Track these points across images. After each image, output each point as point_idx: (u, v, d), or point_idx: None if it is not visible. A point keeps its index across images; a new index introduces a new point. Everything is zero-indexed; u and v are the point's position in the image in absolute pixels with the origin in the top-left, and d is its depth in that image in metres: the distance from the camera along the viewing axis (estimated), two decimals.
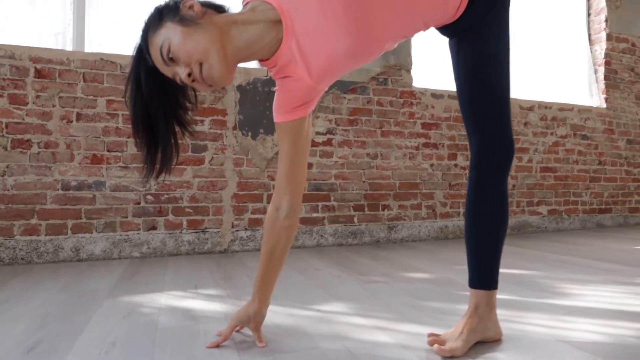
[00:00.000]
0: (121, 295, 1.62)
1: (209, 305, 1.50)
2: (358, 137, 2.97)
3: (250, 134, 2.69)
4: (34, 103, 2.28)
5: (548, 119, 3.63)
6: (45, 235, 2.27)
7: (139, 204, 2.44)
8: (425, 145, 3.17)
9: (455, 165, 3.26)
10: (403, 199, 3.08)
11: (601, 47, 3.92)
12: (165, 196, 2.49)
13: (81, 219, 2.34)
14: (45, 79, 2.30)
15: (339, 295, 1.61)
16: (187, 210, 2.53)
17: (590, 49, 3.99)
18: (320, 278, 1.91)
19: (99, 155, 2.38)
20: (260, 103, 2.72)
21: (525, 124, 3.53)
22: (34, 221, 2.26)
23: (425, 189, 3.15)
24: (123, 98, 2.33)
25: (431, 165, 3.18)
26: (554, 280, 1.84)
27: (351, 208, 2.93)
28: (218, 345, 1.11)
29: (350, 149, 2.95)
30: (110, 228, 2.38)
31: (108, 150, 2.40)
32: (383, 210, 3.02)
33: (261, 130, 2.72)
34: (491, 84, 1.08)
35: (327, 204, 2.87)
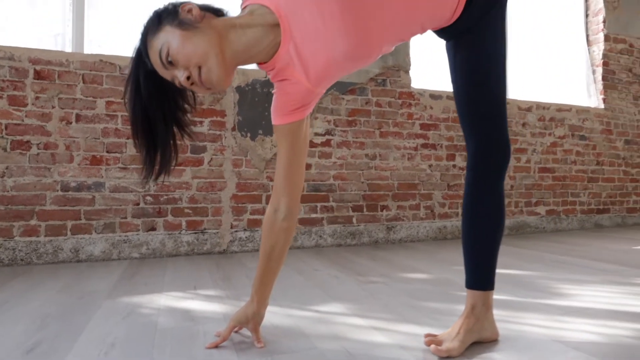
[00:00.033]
0: (120, 296, 1.63)
1: (208, 305, 1.51)
2: (357, 138, 2.98)
3: (249, 135, 2.70)
4: (33, 104, 2.28)
5: (546, 119, 3.64)
6: (45, 236, 2.28)
7: (138, 204, 2.44)
8: (424, 145, 3.18)
9: (454, 166, 3.27)
10: (402, 199, 3.09)
11: (599, 48, 3.94)
12: (165, 197, 2.50)
13: (80, 220, 2.34)
14: (44, 80, 2.30)
15: (338, 296, 1.62)
16: (186, 211, 2.54)
17: (588, 49, 4.00)
18: (319, 278, 1.92)
19: (98, 156, 2.39)
20: (259, 104, 2.73)
21: (523, 125, 3.54)
22: (33, 222, 2.26)
23: (423, 190, 3.16)
24: (122, 99, 2.34)
25: (430, 165, 3.19)
26: (552, 281, 1.85)
27: (350, 209, 2.94)
28: (217, 346, 1.12)
29: (349, 149, 2.95)
30: (110, 229, 2.39)
31: (107, 152, 2.40)
32: (382, 210, 3.03)
33: (260, 131, 2.72)
34: (488, 86, 1.09)
35: (326, 204, 2.88)
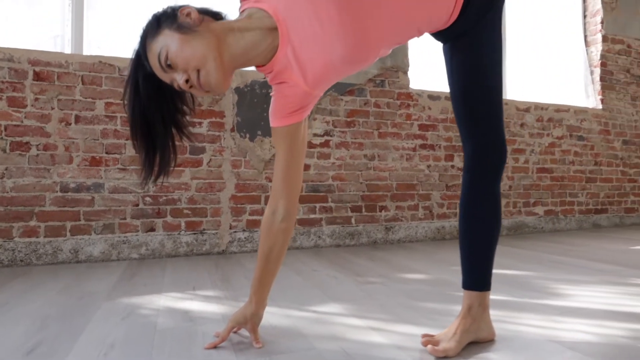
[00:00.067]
0: (120, 296, 1.64)
1: (207, 306, 1.51)
2: (355, 139, 2.99)
3: (248, 135, 2.71)
4: (32, 105, 2.29)
5: (544, 120, 3.65)
6: (44, 237, 2.28)
7: (137, 205, 2.45)
8: (422, 146, 3.19)
9: (452, 167, 3.28)
10: (400, 200, 3.10)
11: (597, 49, 3.95)
12: (164, 198, 2.51)
13: (80, 220, 2.35)
14: (43, 82, 2.31)
15: (336, 296, 1.63)
16: (186, 211, 2.55)
17: (586, 50, 4.02)
18: (318, 279, 1.93)
19: (97, 157, 2.39)
20: (257, 105, 2.74)
21: (521, 125, 3.55)
22: (32, 223, 2.27)
23: (422, 190, 3.17)
24: (121, 100, 2.35)
25: (428, 166, 3.20)
26: (549, 281, 1.86)
27: (348, 209, 2.95)
28: (216, 346, 1.13)
29: (348, 150, 2.96)
30: (109, 230, 2.40)
31: (107, 153, 2.41)
32: (380, 211, 3.04)
33: (259, 132, 2.73)
34: (485, 88, 1.10)
35: (325, 205, 2.89)
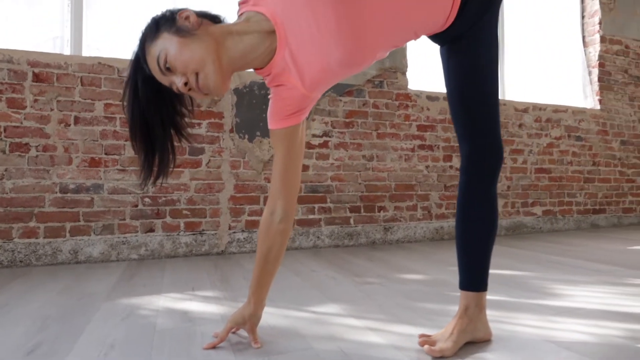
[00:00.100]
0: (119, 297, 1.64)
1: (206, 307, 1.52)
2: (354, 139, 3.00)
3: (247, 136, 2.71)
4: (32, 107, 2.30)
5: (542, 120, 3.66)
6: (44, 238, 2.29)
7: (136, 206, 2.46)
8: (421, 147, 3.20)
9: (451, 167, 3.29)
10: (399, 200, 3.11)
11: (595, 49, 3.96)
12: (163, 199, 2.51)
13: (79, 221, 2.36)
14: (43, 83, 2.32)
15: (334, 297, 1.64)
16: (185, 212, 2.56)
17: (584, 51, 4.03)
18: (316, 279, 1.93)
19: (96, 158, 2.40)
20: (256, 106, 2.74)
21: (519, 126, 3.56)
22: (32, 224, 2.28)
23: (420, 191, 3.18)
24: (120, 102, 2.35)
25: (426, 166, 3.21)
26: (546, 281, 1.87)
27: (347, 209, 2.96)
28: (215, 347, 1.14)
29: (346, 151, 2.97)
30: (108, 230, 2.40)
31: (106, 154, 2.42)
32: (379, 211, 3.05)
33: (258, 133, 2.74)
34: (481, 90, 1.11)
35: (324, 205, 2.89)
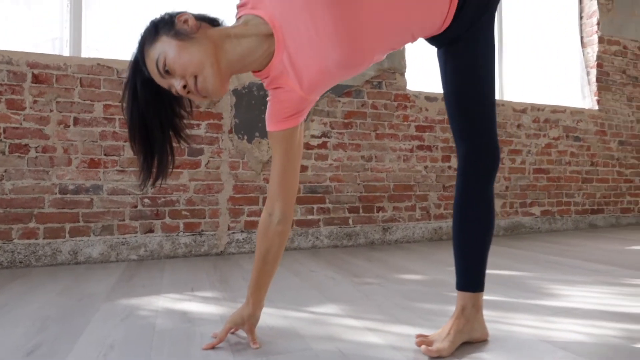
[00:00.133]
0: (119, 298, 1.65)
1: (205, 307, 1.53)
2: (353, 140, 3.01)
3: (246, 137, 2.72)
4: (31, 108, 2.30)
5: (541, 120, 3.68)
6: (43, 238, 2.30)
7: (136, 207, 2.47)
8: (419, 147, 3.21)
9: (449, 167, 3.30)
10: (397, 200, 3.12)
11: (593, 50, 3.97)
12: (162, 199, 2.52)
13: (79, 222, 2.36)
14: (42, 84, 2.32)
15: (333, 297, 1.65)
16: (184, 213, 2.56)
17: (583, 51, 4.04)
18: (315, 280, 1.94)
19: (96, 159, 2.41)
20: (255, 107, 2.75)
21: (518, 126, 3.57)
22: (32, 225, 2.28)
23: (419, 191, 3.19)
24: (120, 103, 2.36)
25: (425, 167, 3.22)
26: (543, 281, 1.88)
27: (346, 210, 2.97)
28: (213, 347, 1.14)
29: (345, 151, 2.98)
30: (108, 231, 2.41)
31: (105, 154, 2.42)
32: (378, 212, 3.05)
33: (257, 134, 2.75)
34: (478, 92, 1.11)
35: (322, 206, 2.90)
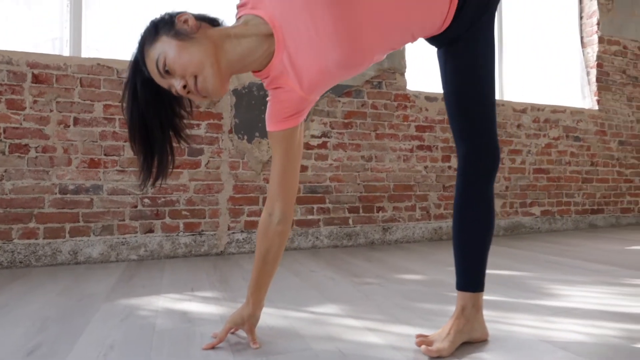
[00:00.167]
0: (119, 298, 1.65)
1: (205, 307, 1.53)
2: (353, 140, 3.01)
3: (246, 137, 2.72)
4: (31, 108, 2.30)
5: (541, 121, 3.68)
6: (43, 238, 2.30)
7: (136, 207, 2.47)
8: (419, 147, 3.21)
9: (449, 167, 3.30)
10: (397, 200, 3.12)
11: (593, 50, 3.97)
12: (162, 199, 2.52)
13: (79, 222, 2.36)
14: (42, 84, 2.32)
15: (333, 297, 1.65)
16: (184, 213, 2.56)
17: (583, 51, 4.04)
18: (315, 280, 1.94)
19: (96, 159, 2.41)
20: (255, 107, 2.75)
21: (518, 126, 3.57)
22: (32, 225, 2.28)
23: (419, 191, 3.19)
24: (119, 103, 2.36)
25: (425, 167, 3.22)
26: (543, 281, 1.88)
27: (346, 210, 2.97)
28: (213, 347, 1.14)
29: (345, 151, 2.98)
30: (108, 231, 2.41)
31: (105, 154, 2.42)
32: (378, 212, 3.05)
33: (257, 134, 2.75)
34: (478, 91, 1.11)
35: (322, 206, 2.90)
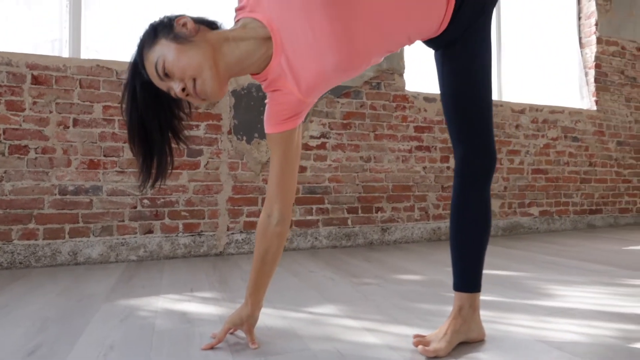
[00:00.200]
0: (118, 298, 1.66)
1: (205, 308, 1.54)
2: (351, 141, 3.01)
3: (245, 138, 2.73)
4: (30, 109, 2.31)
5: (539, 121, 3.69)
6: (43, 239, 2.30)
7: (135, 208, 2.47)
8: (418, 148, 3.22)
9: (448, 168, 3.31)
10: (396, 201, 3.13)
11: (591, 50, 3.98)
12: (162, 200, 2.53)
13: (78, 223, 2.37)
14: (42, 86, 2.33)
15: (332, 298, 1.65)
16: (183, 213, 2.57)
17: (581, 52, 4.05)
18: (314, 280, 1.95)
19: (95, 160, 2.41)
20: (254, 108, 2.76)
21: (516, 127, 3.58)
22: (31, 226, 2.29)
23: (418, 191, 3.20)
24: (119, 104, 2.37)
25: (424, 167, 3.23)
26: (541, 282, 1.89)
27: (345, 210, 2.98)
28: (212, 347, 1.15)
29: (344, 152, 2.99)
30: (107, 232, 2.42)
31: (104, 156, 2.43)
32: (376, 212, 3.06)
33: (256, 135, 2.75)
34: (475, 93, 1.12)
35: (321, 206, 2.91)
